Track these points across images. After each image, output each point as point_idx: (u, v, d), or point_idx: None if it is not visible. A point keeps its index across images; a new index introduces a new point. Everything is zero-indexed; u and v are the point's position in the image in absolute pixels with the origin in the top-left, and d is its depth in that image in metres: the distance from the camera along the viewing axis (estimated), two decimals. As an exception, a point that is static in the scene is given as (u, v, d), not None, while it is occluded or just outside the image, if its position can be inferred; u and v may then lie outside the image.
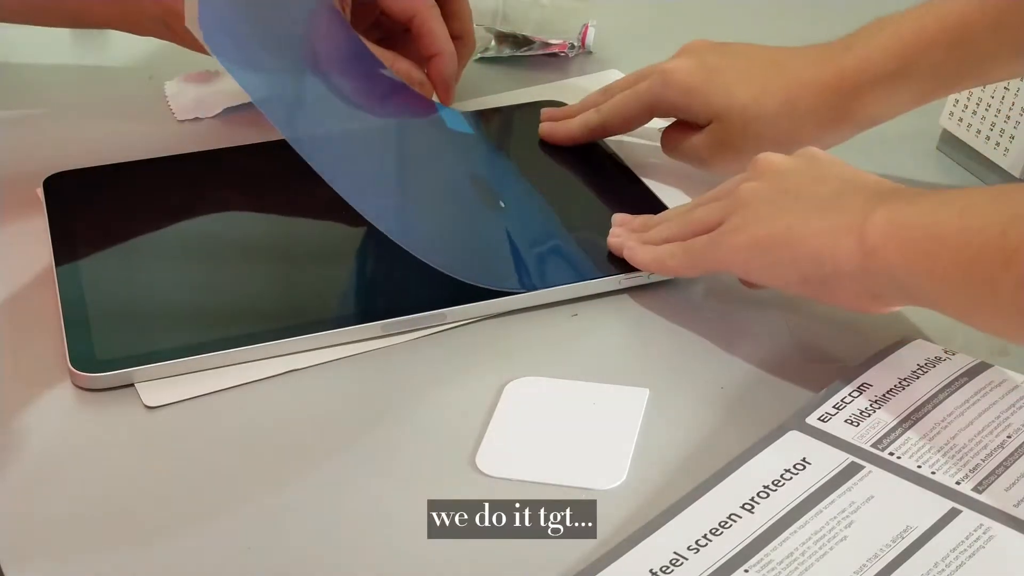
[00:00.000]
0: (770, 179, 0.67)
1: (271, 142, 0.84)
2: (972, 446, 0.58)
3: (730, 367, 0.66)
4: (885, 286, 0.61)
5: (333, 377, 0.66)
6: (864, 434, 0.59)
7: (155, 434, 0.63)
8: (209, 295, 0.71)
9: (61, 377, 0.65)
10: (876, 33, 0.75)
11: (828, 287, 0.62)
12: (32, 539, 0.57)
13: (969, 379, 0.62)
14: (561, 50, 0.96)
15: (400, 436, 0.63)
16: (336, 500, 0.59)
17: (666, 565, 0.52)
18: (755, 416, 0.62)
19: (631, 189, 0.80)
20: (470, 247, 0.73)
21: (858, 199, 0.62)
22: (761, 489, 0.56)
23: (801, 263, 0.63)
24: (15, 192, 0.79)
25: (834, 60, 0.75)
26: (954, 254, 0.57)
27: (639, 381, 0.65)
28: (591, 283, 0.71)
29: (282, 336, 0.66)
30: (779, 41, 0.80)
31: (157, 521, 0.58)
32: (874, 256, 0.60)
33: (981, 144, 0.82)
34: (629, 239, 0.72)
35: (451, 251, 0.71)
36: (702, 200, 0.71)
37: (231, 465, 0.61)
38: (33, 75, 0.94)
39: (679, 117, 0.80)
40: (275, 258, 0.75)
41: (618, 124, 0.82)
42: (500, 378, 0.65)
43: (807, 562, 0.52)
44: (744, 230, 0.65)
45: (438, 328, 0.69)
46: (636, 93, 0.80)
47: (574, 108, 0.85)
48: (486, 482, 0.60)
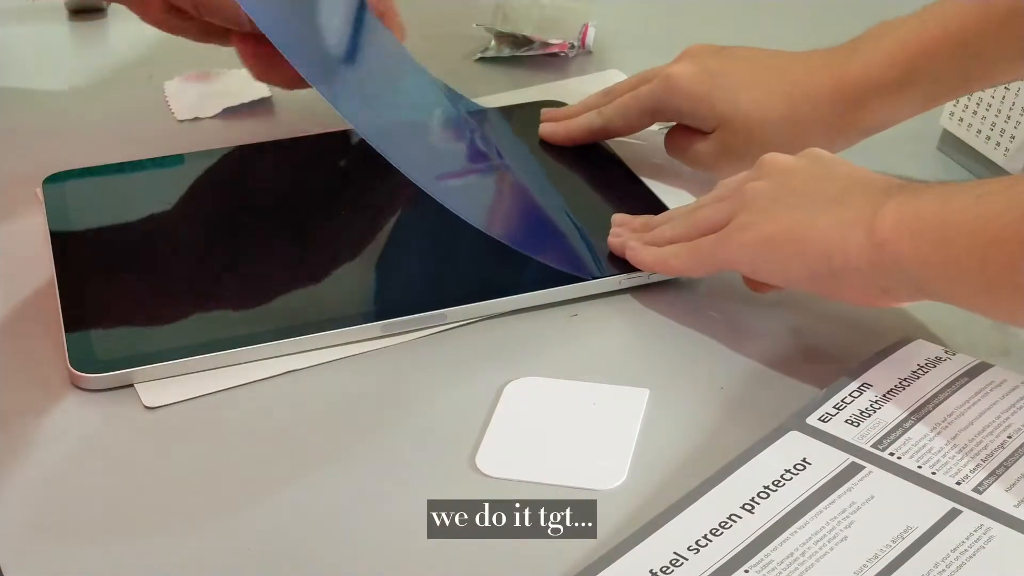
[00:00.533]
0: (776, 178, 0.66)
1: (270, 142, 0.84)
2: (973, 446, 0.58)
3: (730, 367, 0.66)
4: (895, 279, 0.61)
5: (333, 377, 0.66)
6: (864, 434, 0.59)
7: (155, 434, 0.63)
8: (209, 295, 0.71)
9: (61, 377, 0.65)
10: (879, 40, 0.75)
11: (837, 282, 0.62)
12: (32, 539, 0.57)
13: (970, 379, 0.62)
14: (561, 50, 0.96)
15: (400, 436, 0.63)
16: (336, 500, 0.59)
17: (666, 565, 0.52)
18: (755, 416, 0.62)
19: (631, 189, 0.80)
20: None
21: (866, 194, 0.62)
22: (761, 489, 0.56)
23: (810, 258, 0.63)
24: (15, 192, 0.79)
25: (838, 67, 0.75)
26: (969, 240, 0.57)
27: (639, 381, 0.65)
28: (591, 283, 0.71)
29: (282, 336, 0.66)
30: (781, 41, 0.80)
31: (157, 521, 0.58)
32: (884, 248, 0.60)
33: (981, 144, 0.82)
34: (631, 239, 0.72)
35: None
36: (705, 200, 0.71)
37: (231, 465, 0.61)
38: (33, 75, 0.94)
39: (682, 122, 0.79)
40: (275, 258, 0.75)
41: (620, 127, 0.82)
42: (500, 378, 0.65)
43: (807, 562, 0.52)
44: (752, 227, 0.65)
45: (438, 328, 0.69)
46: (639, 97, 0.80)
47: (574, 109, 0.84)
48: (486, 482, 0.60)
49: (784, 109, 0.75)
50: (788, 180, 0.66)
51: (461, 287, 0.69)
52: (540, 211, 0.75)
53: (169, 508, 0.59)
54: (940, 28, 0.73)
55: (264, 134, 0.85)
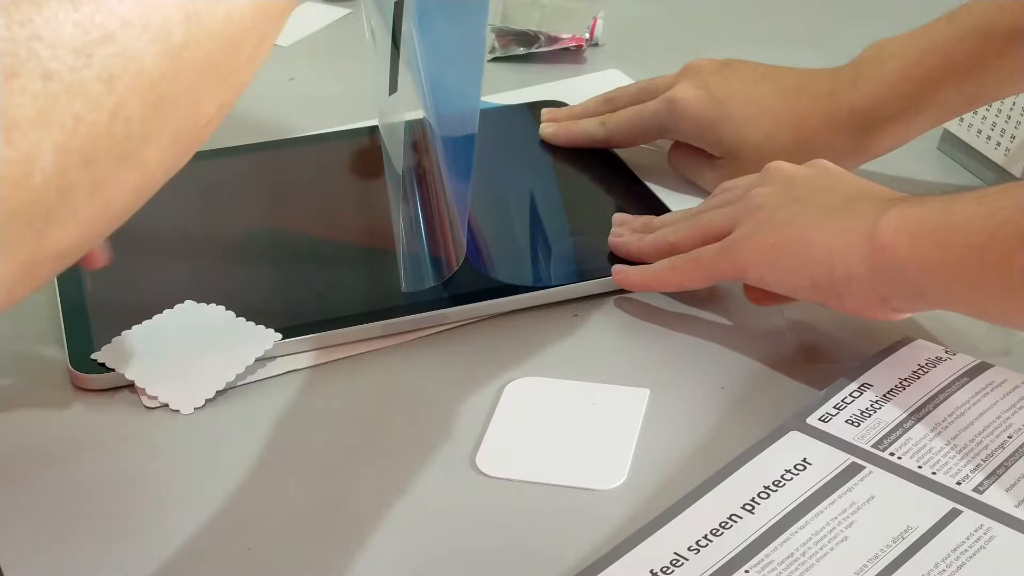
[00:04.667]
0: (781, 185, 0.66)
1: (270, 142, 0.84)
2: (973, 446, 0.58)
3: (730, 367, 0.66)
4: (895, 286, 0.61)
5: (333, 377, 0.66)
6: (865, 434, 0.59)
7: (155, 434, 0.63)
8: (208, 295, 0.71)
9: (61, 377, 0.65)
10: (882, 66, 0.75)
11: (838, 292, 0.62)
12: (32, 539, 0.57)
13: (970, 379, 0.62)
14: (577, 44, 0.96)
15: (400, 436, 0.63)
16: (336, 500, 0.59)
17: (666, 566, 0.52)
18: (755, 416, 0.62)
19: (632, 190, 0.80)
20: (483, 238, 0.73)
21: (869, 204, 0.62)
22: (761, 489, 0.56)
23: (812, 268, 0.63)
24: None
25: (845, 97, 0.75)
26: (967, 239, 0.57)
27: (639, 381, 0.65)
28: (591, 283, 0.71)
29: (282, 336, 0.66)
30: (781, 40, 0.80)
31: (157, 521, 0.58)
32: (884, 253, 0.60)
33: (982, 144, 0.82)
34: (630, 245, 0.71)
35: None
36: (709, 205, 0.71)
37: (231, 465, 0.61)
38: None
39: (688, 142, 0.80)
40: (275, 258, 0.75)
41: (622, 141, 0.82)
42: (500, 378, 0.65)
43: (808, 563, 0.52)
44: (757, 235, 0.65)
45: (438, 328, 0.69)
46: (643, 116, 0.80)
47: (575, 111, 0.84)
48: (486, 482, 0.60)
49: (792, 140, 0.75)
50: (792, 188, 0.66)
51: (461, 287, 0.69)
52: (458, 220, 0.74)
53: (169, 508, 0.59)
54: (944, 59, 0.73)
55: (263, 135, 0.85)
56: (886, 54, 0.75)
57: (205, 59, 0.41)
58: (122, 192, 0.41)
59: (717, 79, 0.78)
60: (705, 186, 0.79)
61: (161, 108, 0.40)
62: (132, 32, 0.39)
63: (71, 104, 0.37)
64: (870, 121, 0.75)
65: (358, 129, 0.85)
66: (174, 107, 0.41)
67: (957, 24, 0.73)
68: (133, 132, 0.39)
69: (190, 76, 0.41)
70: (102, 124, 0.38)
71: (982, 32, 0.72)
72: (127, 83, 0.39)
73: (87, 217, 0.40)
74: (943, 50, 0.73)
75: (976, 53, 0.72)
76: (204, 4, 0.40)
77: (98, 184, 0.39)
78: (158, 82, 0.40)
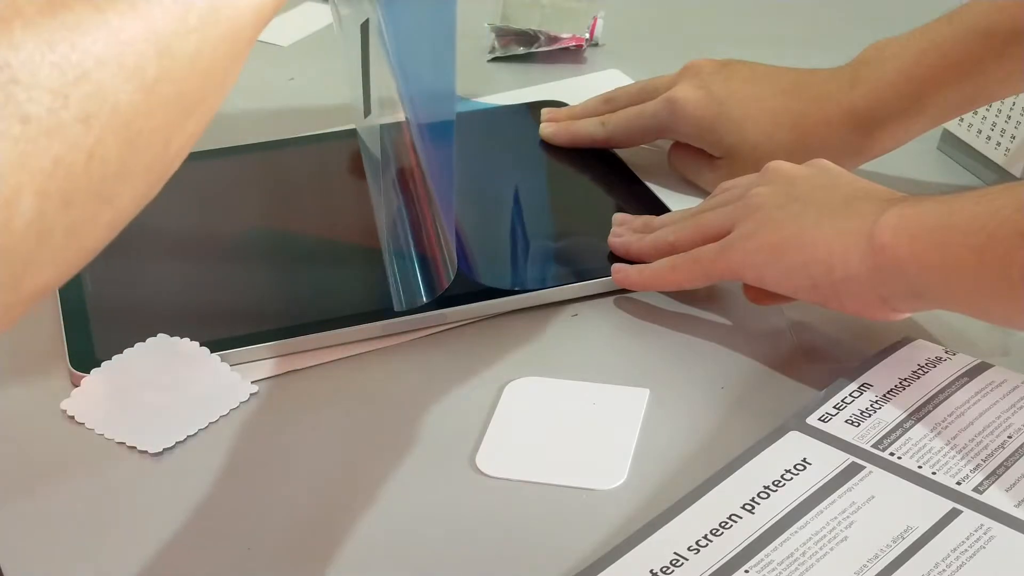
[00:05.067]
0: (781, 185, 0.66)
1: (270, 142, 0.84)
2: (973, 446, 0.58)
3: (730, 367, 0.66)
4: (894, 285, 0.61)
5: (333, 377, 0.66)
6: (865, 434, 0.59)
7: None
8: (208, 295, 0.71)
9: (61, 377, 0.65)
10: (882, 67, 0.75)
11: (837, 292, 0.62)
12: (32, 539, 0.57)
13: (970, 379, 0.62)
14: (577, 44, 0.96)
15: (400, 436, 0.63)
16: (336, 500, 0.59)
17: (666, 566, 0.52)
18: (755, 416, 0.62)
19: (632, 189, 0.80)
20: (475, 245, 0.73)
21: (868, 204, 0.62)
22: (761, 489, 0.56)
23: (811, 268, 0.63)
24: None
25: (845, 98, 0.75)
26: (966, 238, 0.57)
27: (639, 381, 0.65)
28: (591, 283, 0.71)
29: (282, 336, 0.66)
30: (781, 40, 0.80)
31: (157, 521, 0.58)
32: (883, 252, 0.60)
33: (981, 144, 0.82)
34: (630, 245, 0.71)
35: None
36: (708, 204, 0.71)
37: (230, 464, 0.61)
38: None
39: (688, 143, 0.80)
40: (275, 258, 0.75)
41: (622, 141, 0.82)
42: (500, 378, 0.65)
43: (808, 563, 0.52)
44: (757, 235, 0.65)
45: (438, 328, 0.69)
46: (643, 117, 0.80)
47: (575, 111, 0.84)
48: (486, 482, 0.60)
49: (793, 140, 0.75)
50: (792, 188, 0.66)
51: (461, 287, 0.69)
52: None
53: (169, 507, 0.59)
54: (943, 60, 0.73)
55: (262, 135, 0.85)
56: (886, 54, 0.75)
57: (177, 93, 0.41)
58: (96, 229, 0.40)
59: (717, 79, 0.78)
60: (705, 186, 0.79)
61: (136, 144, 0.39)
62: (108, 70, 0.38)
63: (50, 146, 0.37)
64: (870, 121, 0.75)
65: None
66: (148, 143, 0.40)
67: (957, 24, 0.73)
68: (109, 171, 0.39)
69: (163, 111, 0.40)
70: (80, 165, 0.38)
71: (982, 32, 0.72)
72: (103, 122, 0.38)
73: (64, 258, 0.39)
74: (943, 50, 0.73)
75: (976, 53, 0.73)
76: (176, 38, 0.40)
77: (75, 225, 0.38)
78: (133, 119, 0.39)
